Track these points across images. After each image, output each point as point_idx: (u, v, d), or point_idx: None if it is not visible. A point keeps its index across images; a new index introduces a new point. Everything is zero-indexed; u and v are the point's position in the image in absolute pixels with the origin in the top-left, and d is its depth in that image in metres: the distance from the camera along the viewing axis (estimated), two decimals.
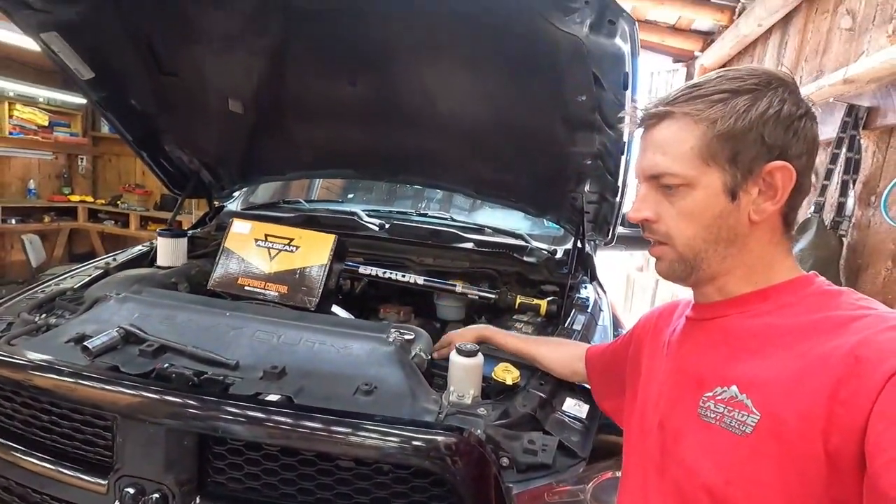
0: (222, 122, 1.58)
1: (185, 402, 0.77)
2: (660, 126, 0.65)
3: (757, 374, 0.57)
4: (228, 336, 0.97)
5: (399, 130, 1.57)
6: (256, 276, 1.15)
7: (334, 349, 0.94)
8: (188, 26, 1.26)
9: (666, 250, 0.67)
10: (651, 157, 0.65)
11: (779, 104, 0.60)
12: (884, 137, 1.83)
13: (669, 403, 0.68)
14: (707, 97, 0.61)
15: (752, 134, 0.60)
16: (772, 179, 0.61)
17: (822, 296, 0.61)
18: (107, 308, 1.04)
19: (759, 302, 0.63)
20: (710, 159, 0.61)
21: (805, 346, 0.55)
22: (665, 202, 0.65)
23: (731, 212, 0.62)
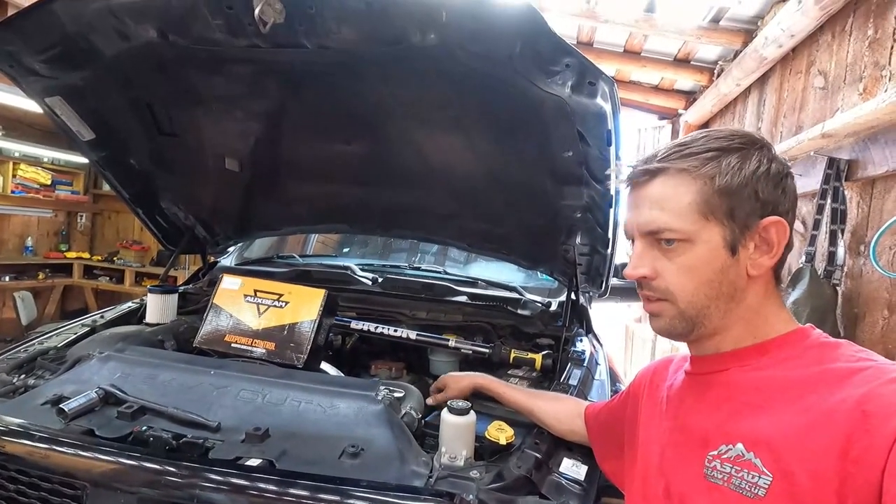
0: (219, 180, 1.61)
1: (161, 468, 0.73)
2: (654, 182, 0.65)
3: (762, 430, 0.56)
4: (211, 396, 0.93)
5: (392, 186, 1.60)
6: (244, 332, 1.13)
7: (321, 409, 0.91)
8: (188, 90, 1.31)
9: (665, 307, 0.65)
10: (648, 213, 0.65)
11: (767, 163, 0.62)
12: (866, 188, 1.88)
13: (673, 466, 0.66)
14: (699, 154, 0.62)
15: (747, 190, 0.61)
16: (767, 234, 0.62)
17: (821, 348, 0.60)
18: (88, 368, 1.01)
19: (758, 356, 0.63)
20: (710, 214, 0.62)
21: (809, 400, 0.54)
22: (663, 258, 0.64)
23: (731, 266, 0.62)
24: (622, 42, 3.48)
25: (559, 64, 0.90)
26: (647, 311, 0.68)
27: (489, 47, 0.96)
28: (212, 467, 0.74)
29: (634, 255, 0.67)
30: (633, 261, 0.67)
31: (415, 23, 0.96)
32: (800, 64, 2.54)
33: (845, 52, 2.12)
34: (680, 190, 0.63)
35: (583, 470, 0.93)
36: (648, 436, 0.73)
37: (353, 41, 1.04)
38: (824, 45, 2.30)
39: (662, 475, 0.67)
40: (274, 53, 1.12)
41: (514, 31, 0.90)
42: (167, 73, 1.25)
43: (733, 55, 3.10)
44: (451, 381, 1.15)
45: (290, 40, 1.05)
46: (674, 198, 0.63)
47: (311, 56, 1.13)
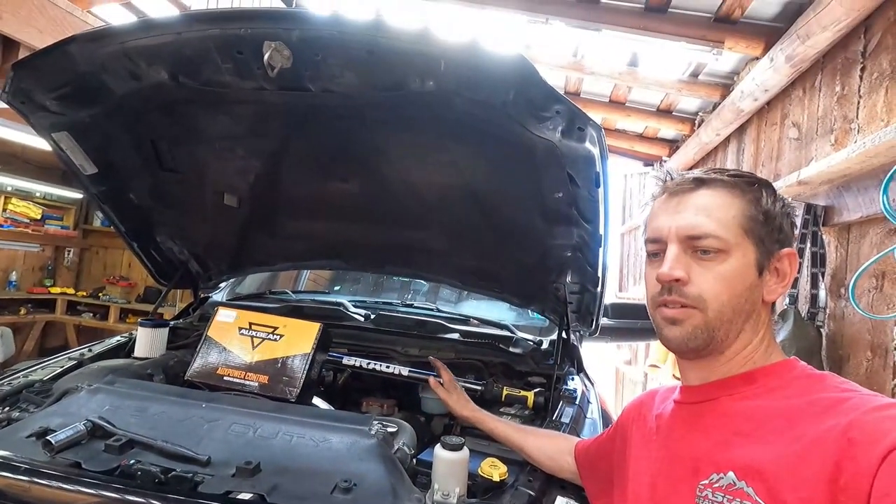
0: (216, 216, 1.63)
1: (149, 502, 0.71)
2: (701, 191, 0.68)
3: (753, 458, 0.57)
4: (202, 429, 0.92)
5: (387, 224, 1.64)
6: (237, 365, 1.13)
7: (313, 443, 0.90)
8: (193, 129, 1.35)
9: (692, 314, 0.66)
10: (693, 218, 0.67)
11: (788, 203, 0.70)
12: (843, 233, 1.95)
13: (665, 496, 0.66)
14: (742, 178, 0.68)
15: (776, 221, 0.67)
16: (782, 264, 0.67)
17: (808, 379, 0.63)
18: (76, 400, 1.00)
19: (746, 385, 0.65)
20: (749, 232, 0.65)
21: (798, 429, 0.56)
22: (696, 265, 0.66)
23: (757, 286, 0.66)
24: (608, 93, 3.66)
25: (550, 110, 0.96)
26: (669, 316, 0.68)
27: (484, 94, 1.02)
28: (201, 501, 0.72)
29: (669, 257, 0.67)
30: (669, 261, 0.67)
31: (414, 71, 1.02)
32: (774, 116, 2.68)
33: (816, 105, 2.25)
34: (727, 202, 0.66)
35: None
36: (638, 468, 0.74)
37: (355, 86, 1.09)
38: (796, 99, 2.45)
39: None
40: (279, 95, 1.18)
41: (508, 80, 0.96)
42: (173, 113, 1.30)
43: (712, 107, 3.27)
44: (459, 395, 1.22)
45: (296, 84, 1.11)
46: (720, 208, 0.66)
47: (314, 98, 1.18)
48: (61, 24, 1.95)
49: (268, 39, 1.01)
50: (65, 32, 1.99)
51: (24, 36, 1.81)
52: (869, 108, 1.87)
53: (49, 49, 1.10)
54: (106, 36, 1.09)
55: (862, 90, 1.93)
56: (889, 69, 1.78)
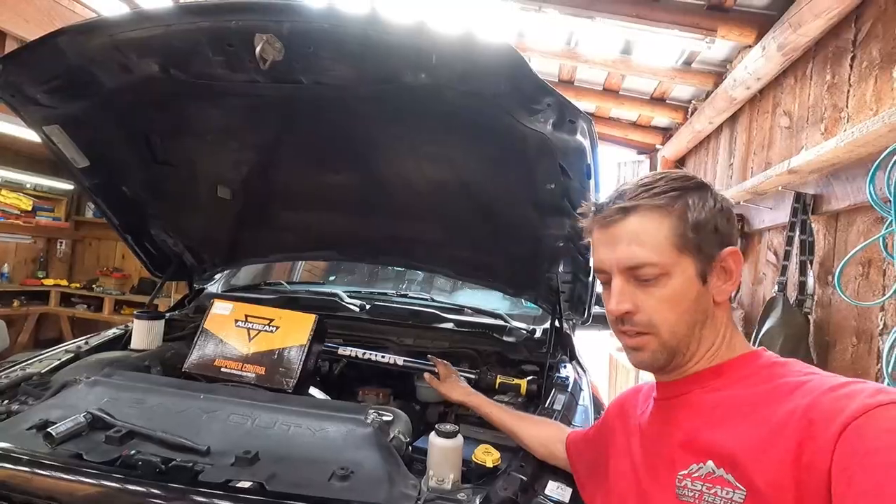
0: (210, 208, 1.63)
1: (150, 491, 0.73)
2: (629, 219, 0.68)
3: (725, 445, 0.59)
4: (201, 420, 0.94)
5: (381, 215, 1.65)
6: (234, 357, 1.14)
7: (310, 432, 0.92)
8: (185, 121, 1.35)
9: (648, 340, 0.69)
10: (627, 249, 0.68)
11: (721, 200, 0.70)
12: (831, 222, 1.98)
13: (646, 489, 0.68)
14: (667, 193, 0.68)
15: (710, 225, 0.67)
16: (727, 263, 0.68)
17: (772, 367, 0.65)
18: (74, 392, 1.01)
19: (714, 377, 0.67)
20: (683, 247, 0.66)
21: (763, 413, 0.58)
22: (640, 293, 0.68)
23: (703, 294, 0.67)
24: (601, 81, 3.65)
25: (541, 103, 0.97)
26: (629, 345, 0.71)
27: (476, 86, 1.03)
28: (201, 490, 0.74)
29: (615, 291, 0.69)
30: (616, 297, 0.69)
31: (407, 64, 1.03)
32: (766, 105, 2.69)
33: (807, 94, 2.27)
34: (655, 226, 0.67)
35: (567, 493, 0.95)
36: (619, 465, 0.76)
37: (347, 79, 1.10)
38: (788, 87, 2.46)
39: (633, 497, 0.70)
40: (271, 88, 1.18)
41: (499, 72, 0.97)
42: (165, 106, 1.29)
43: (705, 95, 3.28)
44: (452, 381, 1.25)
45: (288, 76, 1.11)
46: (651, 233, 0.67)
47: (307, 91, 1.18)
48: (48, 13, 1.93)
49: (259, 32, 1.01)
50: (52, 22, 1.97)
51: (10, 26, 1.79)
52: (858, 96, 1.88)
53: (38, 42, 1.09)
54: (96, 28, 1.08)
55: (852, 79, 1.94)
56: (879, 58, 1.79)
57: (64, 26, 1.09)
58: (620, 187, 0.72)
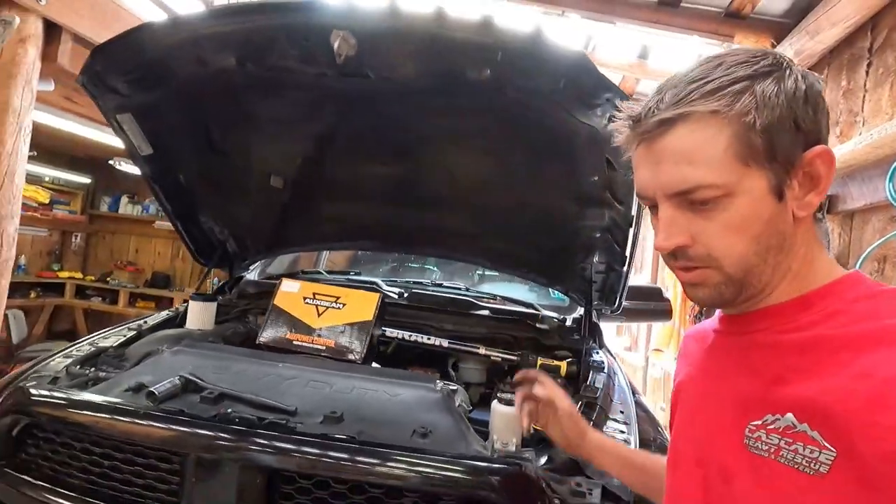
0: (259, 197, 1.71)
1: (266, 442, 0.81)
2: (674, 133, 0.54)
3: (815, 398, 0.49)
4: (283, 385, 1.02)
5: (422, 206, 1.72)
6: (305, 331, 1.22)
7: (386, 396, 1.00)
8: (248, 112, 1.43)
9: (709, 274, 0.56)
10: (674, 170, 0.54)
11: (802, 81, 0.53)
12: (846, 220, 2.07)
13: (708, 434, 0.59)
14: (728, 88, 0.52)
15: (787, 121, 0.52)
16: (812, 168, 0.54)
17: (874, 299, 0.53)
18: (161, 360, 1.08)
19: (801, 310, 0.55)
20: (750, 159, 0.52)
21: (866, 362, 0.48)
22: (698, 220, 0.55)
23: (779, 213, 0.54)
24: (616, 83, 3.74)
25: (600, 98, 1.05)
26: (685, 280, 0.59)
27: (536, 83, 1.11)
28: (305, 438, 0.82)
29: (663, 223, 0.57)
30: (665, 229, 0.57)
31: (473, 60, 1.11)
32: None
33: None
34: (711, 136, 0.52)
35: None
36: (683, 407, 0.67)
37: (413, 74, 1.18)
38: None
39: (694, 444, 0.61)
40: (337, 81, 1.25)
41: (561, 70, 1.05)
42: (231, 97, 1.37)
43: None
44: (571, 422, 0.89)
45: (357, 71, 1.19)
46: (706, 147, 0.53)
47: (370, 84, 1.26)
48: (102, 9, 2.00)
49: (336, 28, 1.09)
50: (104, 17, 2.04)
51: (66, 20, 1.86)
52: (874, 101, 1.97)
53: (124, 35, 1.17)
54: (178, 24, 1.16)
55: (868, 85, 2.03)
56: (894, 65, 1.88)
57: (147, 21, 1.17)
58: (665, 85, 0.56)
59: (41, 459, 0.93)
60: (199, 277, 4.53)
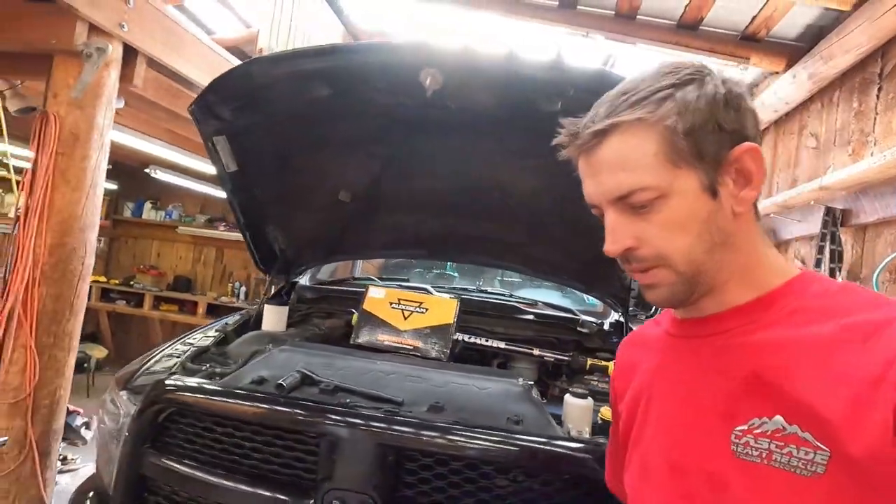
0: (325, 210, 1.86)
1: (397, 427, 0.96)
2: (608, 143, 0.58)
3: (800, 398, 0.50)
4: (385, 380, 1.16)
5: (472, 218, 1.88)
6: (394, 332, 1.37)
7: (476, 389, 1.14)
8: (328, 134, 1.58)
9: (663, 274, 0.59)
10: (611, 178, 0.58)
11: (722, 86, 0.57)
12: (859, 234, 2.23)
13: (686, 442, 0.59)
14: (650, 97, 0.57)
15: (709, 124, 0.56)
16: (741, 165, 0.57)
17: (829, 297, 0.55)
18: (272, 357, 1.23)
19: (763, 310, 0.57)
20: (679, 160, 0.56)
21: (840, 364, 0.49)
22: (640, 222, 0.58)
23: (716, 210, 0.57)
24: None
25: None
26: (642, 283, 0.62)
27: None
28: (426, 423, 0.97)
29: (608, 228, 0.60)
30: (611, 235, 0.59)
31: (545, 94, 1.26)
32: (792, 126, 2.96)
33: (834, 119, 2.53)
34: (639, 143, 0.56)
35: None
36: (644, 418, 0.66)
37: (489, 105, 1.33)
38: (815, 111, 2.73)
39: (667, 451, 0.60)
40: (414, 110, 1.41)
41: None
42: (316, 120, 1.52)
43: None
44: None
45: (439, 102, 1.34)
46: (636, 153, 0.56)
47: (443, 113, 1.41)
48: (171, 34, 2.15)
49: (427, 67, 1.25)
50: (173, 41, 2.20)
51: (142, 44, 2.01)
52: (885, 123, 2.14)
53: (236, 69, 1.32)
54: (284, 58, 1.31)
55: (878, 108, 2.20)
56: None
57: (258, 56, 1.33)
58: (601, 100, 0.61)
59: (184, 441, 1.07)
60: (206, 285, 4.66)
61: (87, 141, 1.85)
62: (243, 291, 5.48)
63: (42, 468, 1.76)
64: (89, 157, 1.85)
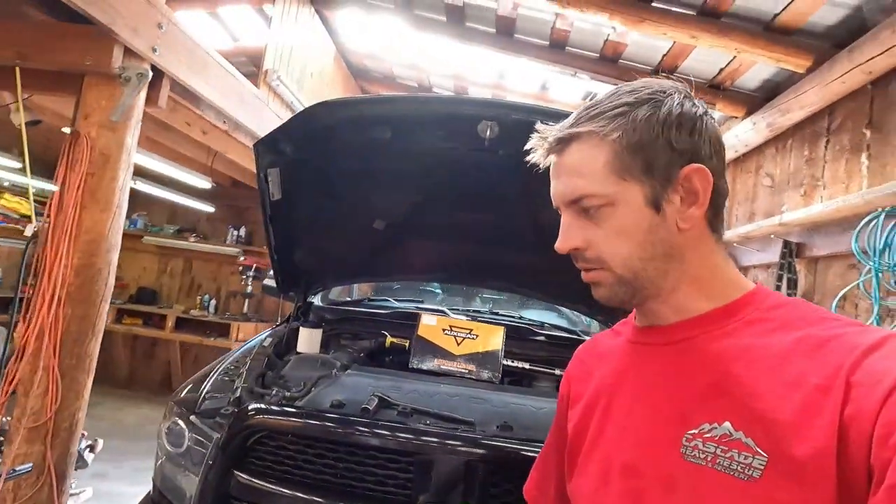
0: (356, 237, 1.96)
1: (489, 442, 1.08)
2: (569, 150, 0.63)
3: (751, 405, 0.53)
4: (452, 401, 1.28)
5: (496, 246, 2.03)
6: (449, 357, 1.49)
7: (534, 409, 1.29)
8: (374, 170, 1.69)
9: (603, 275, 0.64)
10: (566, 182, 0.63)
11: (678, 107, 0.60)
12: (811, 265, 2.59)
13: (641, 444, 0.61)
14: (607, 113, 0.61)
15: (659, 141, 0.59)
16: (690, 184, 0.60)
17: (784, 309, 0.59)
18: (341, 381, 1.32)
19: (725, 319, 0.61)
20: (625, 173, 0.60)
21: (793, 371, 0.53)
22: (591, 226, 0.63)
23: (659, 224, 0.60)
24: None
25: None
26: (586, 280, 0.67)
27: None
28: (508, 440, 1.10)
29: (562, 227, 0.66)
30: (562, 234, 0.65)
31: None
32: (750, 165, 3.35)
33: (788, 163, 2.91)
34: (593, 153, 0.61)
35: None
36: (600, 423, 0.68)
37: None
38: (770, 155, 3.11)
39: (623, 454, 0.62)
40: (467, 152, 1.55)
41: None
42: (367, 157, 1.63)
43: None
44: None
45: (489, 147, 1.50)
46: (588, 162, 0.61)
47: (490, 155, 1.57)
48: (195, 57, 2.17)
49: (486, 119, 1.40)
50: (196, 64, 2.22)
51: (169, 67, 2.03)
52: (832, 171, 2.51)
53: (304, 111, 1.41)
54: (350, 103, 1.42)
55: (826, 157, 2.58)
56: (848, 145, 2.42)
57: (324, 101, 1.43)
58: (575, 111, 0.66)
59: (273, 462, 1.14)
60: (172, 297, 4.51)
61: (116, 162, 1.84)
62: (213, 304, 5.33)
63: (58, 493, 1.71)
64: (117, 178, 1.85)
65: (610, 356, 0.72)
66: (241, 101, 2.54)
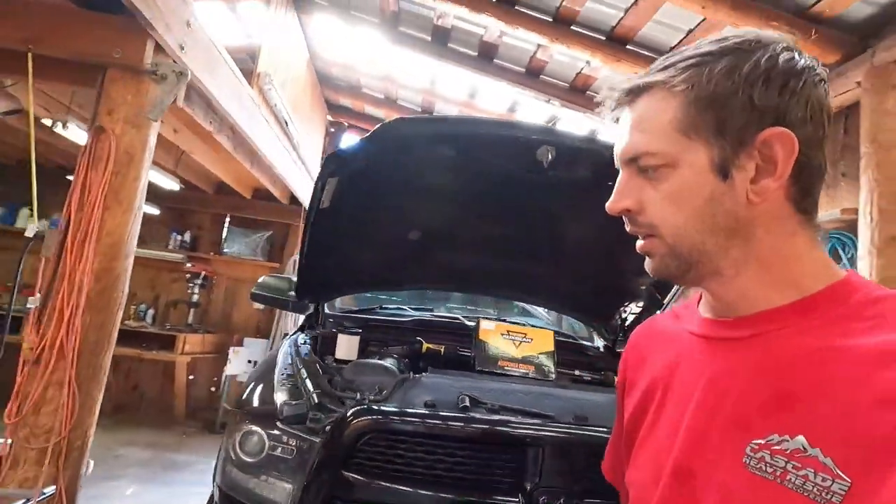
0: (388, 246, 2.01)
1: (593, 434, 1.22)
2: (637, 103, 0.57)
3: (830, 422, 0.46)
4: (526, 398, 1.41)
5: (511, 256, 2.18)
6: (510, 359, 1.60)
7: (593, 403, 1.45)
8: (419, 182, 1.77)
9: (655, 244, 0.58)
10: (626, 139, 0.58)
11: (770, 60, 0.52)
12: None
13: (695, 445, 0.56)
14: (682, 62, 0.55)
15: (738, 97, 0.52)
16: (769, 151, 0.52)
17: (879, 305, 0.50)
18: (421, 383, 1.39)
19: (803, 314, 0.53)
20: (692, 131, 0.53)
21: (878, 386, 0.44)
22: (647, 187, 0.57)
23: (724, 193, 0.53)
24: None
25: None
26: (640, 250, 0.62)
27: None
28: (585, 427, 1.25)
29: (617, 186, 0.60)
30: (615, 194, 0.59)
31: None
32: None
33: None
34: (659, 107, 0.55)
35: None
36: (657, 414, 0.63)
37: (583, 176, 1.68)
38: None
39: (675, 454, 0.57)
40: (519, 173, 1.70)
41: None
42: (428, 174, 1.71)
43: None
44: None
45: (540, 169, 1.65)
46: (652, 117, 0.55)
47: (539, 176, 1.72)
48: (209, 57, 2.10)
49: (547, 145, 1.56)
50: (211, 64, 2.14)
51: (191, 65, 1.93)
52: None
53: (388, 125, 1.48)
54: (430, 121, 1.52)
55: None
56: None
57: (403, 116, 1.51)
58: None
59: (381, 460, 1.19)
60: None
61: (140, 161, 1.73)
62: (150, 314, 4.90)
63: None
64: (140, 177, 1.74)
65: (667, 343, 0.67)
66: (240, 102, 2.46)
